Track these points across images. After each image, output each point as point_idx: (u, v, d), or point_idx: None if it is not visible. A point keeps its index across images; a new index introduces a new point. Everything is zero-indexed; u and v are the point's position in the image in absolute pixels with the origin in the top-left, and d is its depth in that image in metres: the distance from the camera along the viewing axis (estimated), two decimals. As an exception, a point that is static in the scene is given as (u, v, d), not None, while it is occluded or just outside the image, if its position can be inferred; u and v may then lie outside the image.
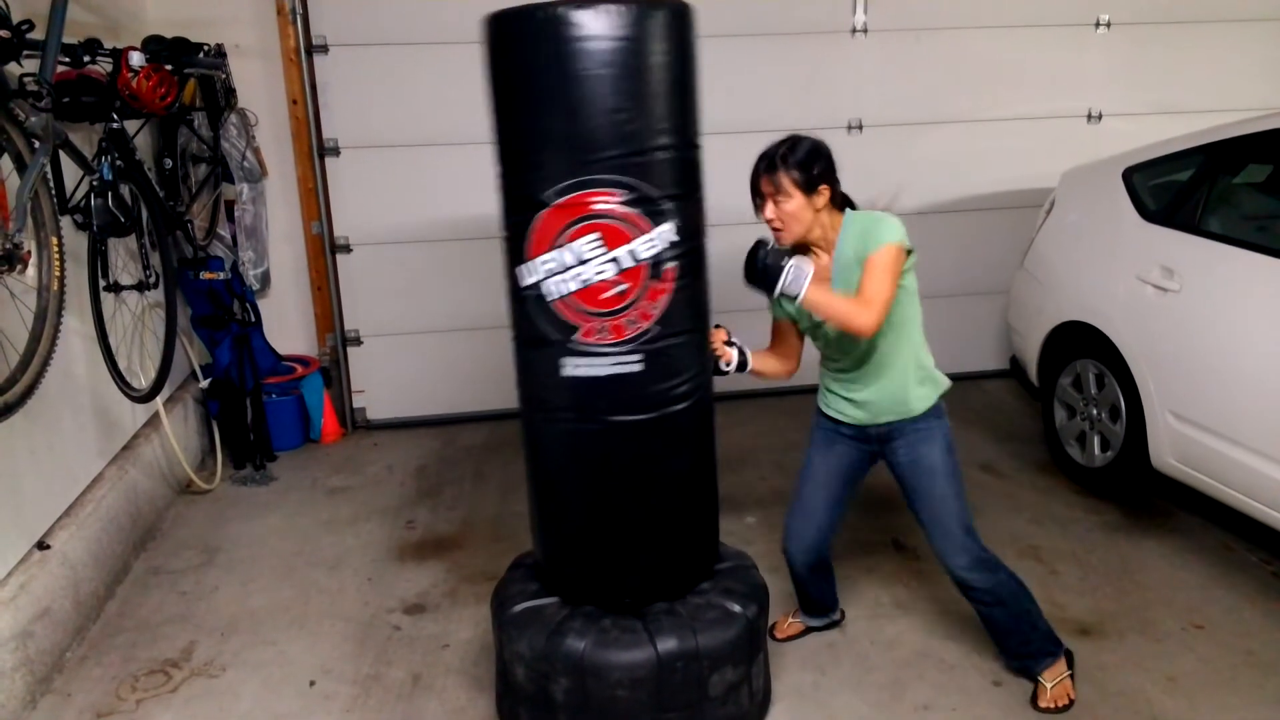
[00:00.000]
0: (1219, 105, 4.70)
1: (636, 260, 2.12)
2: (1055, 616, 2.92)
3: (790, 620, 2.90)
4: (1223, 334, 3.05)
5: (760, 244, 2.30)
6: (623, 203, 2.09)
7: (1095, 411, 3.68)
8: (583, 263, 2.11)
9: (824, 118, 4.78)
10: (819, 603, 2.86)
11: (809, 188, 2.30)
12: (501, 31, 2.10)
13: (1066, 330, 3.79)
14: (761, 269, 2.27)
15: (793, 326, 2.59)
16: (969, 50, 4.81)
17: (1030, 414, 4.55)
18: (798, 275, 2.24)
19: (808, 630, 2.90)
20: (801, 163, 2.29)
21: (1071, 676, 2.56)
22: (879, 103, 4.80)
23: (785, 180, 2.29)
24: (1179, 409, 3.21)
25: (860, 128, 4.82)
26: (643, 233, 2.11)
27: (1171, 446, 3.26)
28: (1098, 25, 4.90)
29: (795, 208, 2.31)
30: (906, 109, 4.84)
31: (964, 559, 2.47)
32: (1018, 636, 2.56)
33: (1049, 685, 2.54)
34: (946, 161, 4.93)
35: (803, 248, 2.41)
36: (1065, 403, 3.87)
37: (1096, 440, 3.69)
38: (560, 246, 2.11)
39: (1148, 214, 3.52)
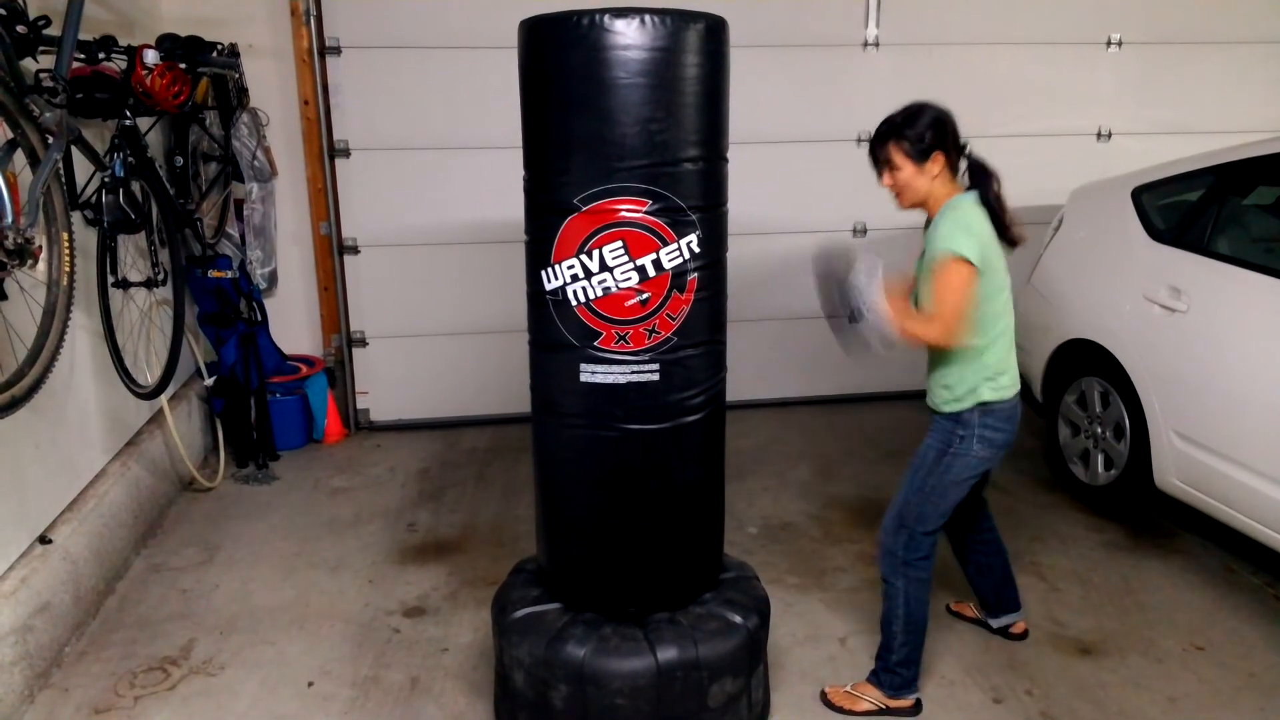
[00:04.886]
0: (1229, 126, 4.71)
1: (660, 270, 2.13)
2: (1057, 634, 2.93)
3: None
4: (1229, 355, 3.05)
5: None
6: (649, 212, 2.10)
7: (1099, 430, 3.68)
8: (607, 269, 2.12)
9: (835, 130, 4.80)
10: (977, 593, 2.92)
11: (920, 157, 2.34)
12: (537, 37, 2.11)
13: (1072, 348, 3.79)
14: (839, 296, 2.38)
15: None
16: (980, 66, 4.82)
17: (1033, 430, 4.54)
18: (871, 282, 2.31)
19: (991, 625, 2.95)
20: (914, 134, 2.34)
21: (881, 712, 2.57)
22: (889, 116, 4.79)
23: (895, 151, 2.36)
24: (1183, 429, 3.20)
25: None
26: (668, 243, 2.12)
27: (1175, 466, 3.25)
28: (1109, 44, 4.91)
29: (907, 176, 2.37)
30: (916, 123, 4.83)
31: (882, 538, 2.55)
32: (882, 638, 2.59)
33: (854, 693, 2.60)
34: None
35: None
36: (1069, 420, 3.87)
37: (1100, 459, 3.69)
38: (586, 252, 2.12)
39: (1156, 234, 3.52)
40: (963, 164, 2.42)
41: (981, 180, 2.41)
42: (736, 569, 2.59)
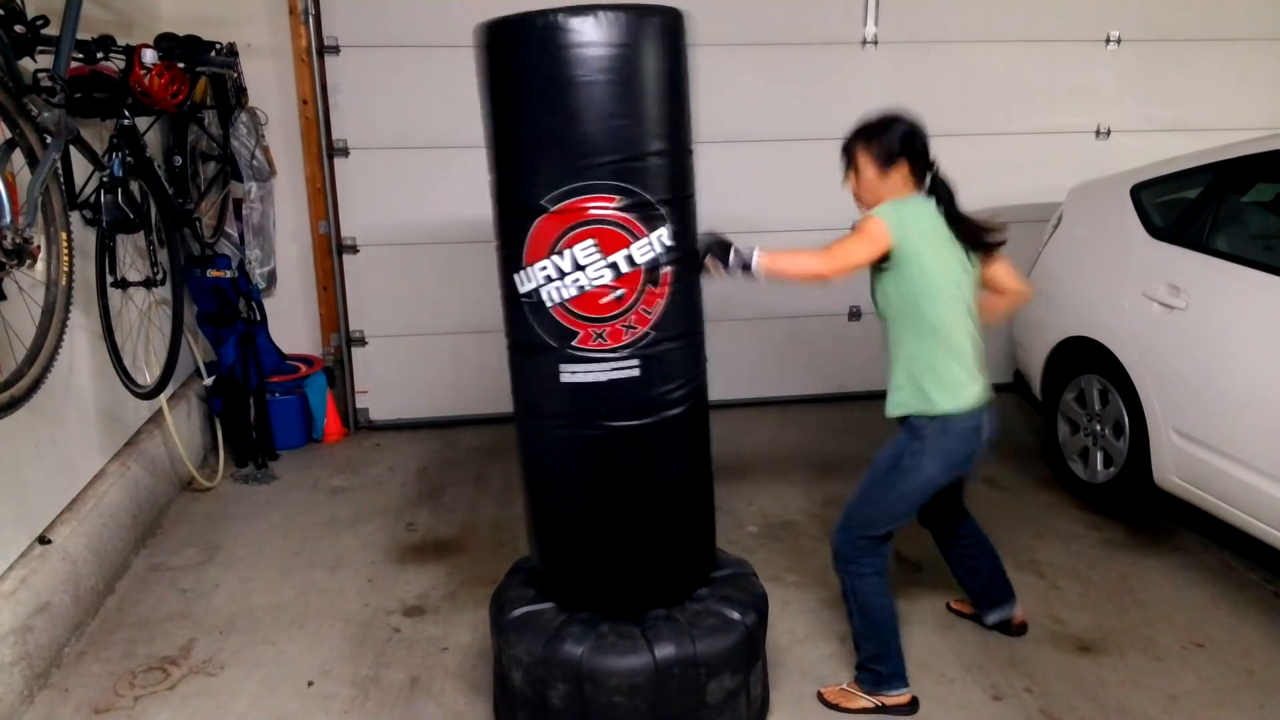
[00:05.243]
0: (1228, 123, 4.71)
1: (633, 265, 2.13)
2: (1056, 632, 2.93)
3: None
4: (1228, 352, 3.05)
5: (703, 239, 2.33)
6: (619, 208, 2.10)
7: (1098, 427, 3.68)
8: (580, 269, 2.12)
9: (834, 128, 4.73)
10: (968, 592, 2.93)
11: (885, 164, 2.38)
12: (497, 39, 2.10)
13: (1071, 345, 3.79)
14: (705, 251, 2.30)
15: None
16: (979, 64, 4.82)
17: (1033, 428, 4.54)
18: (744, 252, 2.29)
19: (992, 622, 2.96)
20: (884, 141, 2.38)
21: (877, 709, 2.57)
22: (888, 114, 4.80)
23: (863, 154, 2.40)
24: (1183, 426, 3.20)
25: (869, 139, 4.83)
26: (639, 238, 2.12)
27: (1174, 464, 3.25)
28: (1108, 41, 4.91)
29: (869, 181, 2.41)
30: (915, 121, 4.84)
31: (836, 541, 2.54)
32: (855, 636, 2.60)
33: (849, 690, 2.61)
34: (954, 174, 4.85)
35: None
36: (1068, 418, 3.87)
37: (1099, 456, 3.69)
38: (557, 253, 2.12)
39: (1155, 231, 3.52)
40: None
41: (941, 193, 2.42)
42: (734, 566, 2.59)
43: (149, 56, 3.17)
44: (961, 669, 2.77)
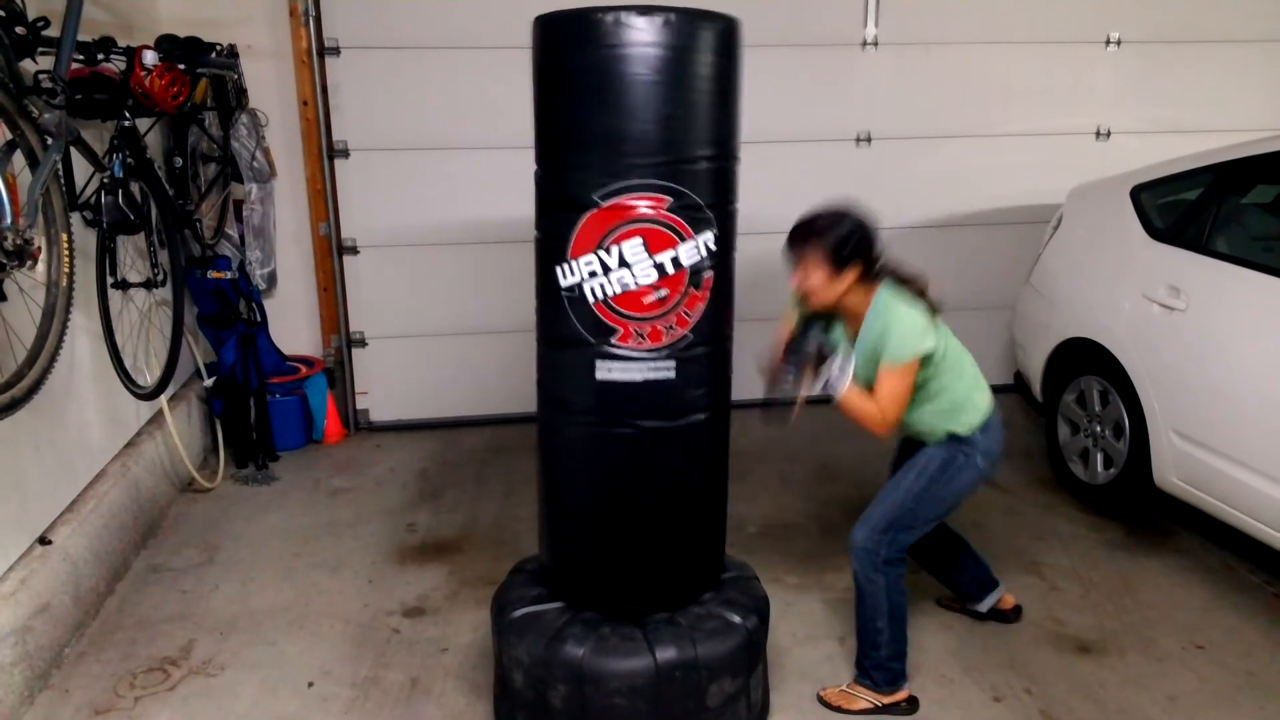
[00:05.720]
0: (1228, 125, 4.71)
1: (679, 267, 2.14)
2: (1056, 633, 2.93)
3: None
4: (1228, 354, 3.05)
5: (812, 325, 2.41)
6: (669, 209, 2.11)
7: (1099, 428, 3.68)
8: (626, 266, 2.12)
9: (833, 129, 4.80)
10: (959, 590, 2.96)
11: (837, 266, 2.34)
12: (554, 34, 2.12)
13: (1071, 347, 3.79)
14: (813, 354, 2.40)
15: None
16: (979, 65, 4.82)
17: (1033, 429, 4.54)
18: (842, 374, 2.36)
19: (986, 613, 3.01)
20: (833, 242, 2.33)
21: (877, 710, 2.58)
22: (888, 116, 4.80)
23: (812, 255, 2.35)
24: (1183, 428, 3.20)
25: (869, 140, 4.83)
26: (686, 239, 2.13)
27: (1175, 465, 3.25)
28: (1108, 43, 4.91)
29: (819, 282, 2.36)
30: (915, 122, 4.85)
31: (861, 537, 2.52)
32: (862, 637, 2.59)
33: (850, 692, 2.61)
34: (954, 175, 4.94)
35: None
36: (1069, 419, 3.87)
37: (1099, 457, 3.69)
38: (604, 249, 2.12)
39: (1155, 232, 3.52)
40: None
41: (914, 287, 2.43)
42: (736, 569, 2.59)
43: (150, 58, 3.17)
44: (961, 670, 2.77)
